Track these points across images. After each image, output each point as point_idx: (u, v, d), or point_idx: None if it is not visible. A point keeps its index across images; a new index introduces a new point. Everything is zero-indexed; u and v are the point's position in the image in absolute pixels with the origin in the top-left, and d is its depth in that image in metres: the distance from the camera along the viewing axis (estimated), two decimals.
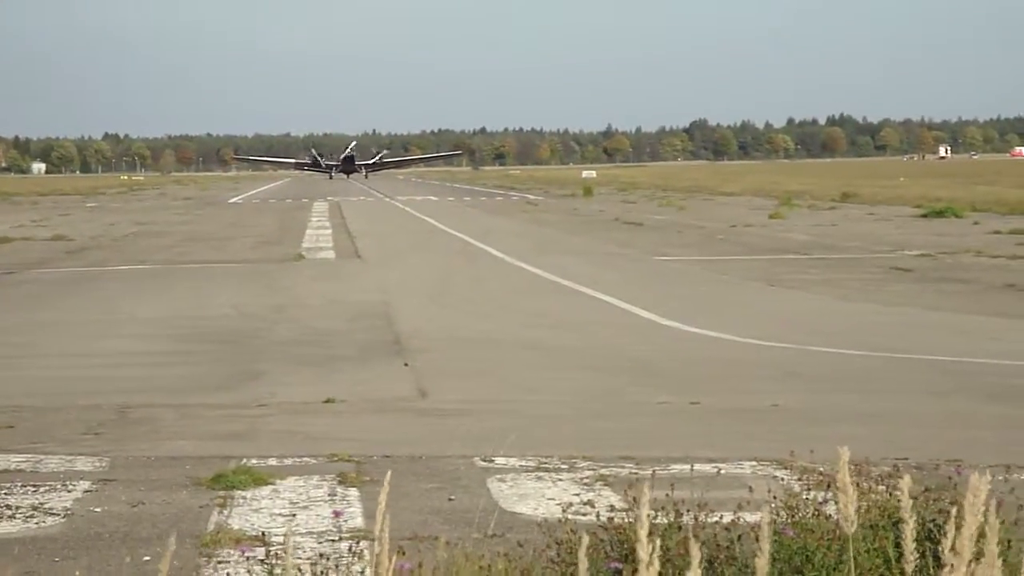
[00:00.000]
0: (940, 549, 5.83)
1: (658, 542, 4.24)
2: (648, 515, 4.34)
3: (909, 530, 4.91)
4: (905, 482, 5.23)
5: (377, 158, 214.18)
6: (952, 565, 4.42)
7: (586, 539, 4.29)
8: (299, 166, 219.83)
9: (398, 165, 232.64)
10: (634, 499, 7.95)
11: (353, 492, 11.90)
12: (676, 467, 12.39)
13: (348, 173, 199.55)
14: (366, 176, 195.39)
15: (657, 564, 4.23)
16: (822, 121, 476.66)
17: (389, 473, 5.88)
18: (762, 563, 4.55)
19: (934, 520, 7.46)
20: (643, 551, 4.14)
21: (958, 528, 4.42)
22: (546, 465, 12.83)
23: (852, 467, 8.51)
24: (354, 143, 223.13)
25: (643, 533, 4.11)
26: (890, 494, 7.63)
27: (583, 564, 4.26)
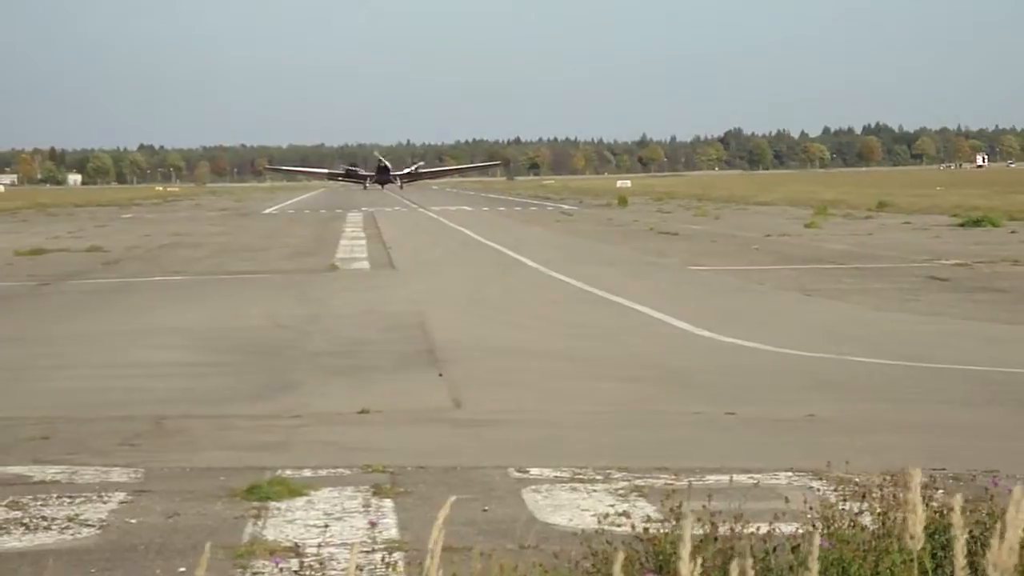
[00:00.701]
0: (977, 562, 5.78)
1: (699, 560, 4.22)
2: (691, 536, 4.31)
3: (960, 546, 4.86)
4: (957, 499, 5.19)
5: (413, 168, 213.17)
6: None
7: (621, 554, 4.26)
8: (333, 176, 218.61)
9: (434, 176, 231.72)
10: (671, 510, 7.92)
11: (388, 503, 11.89)
12: (712, 478, 12.35)
13: (383, 184, 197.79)
14: (401, 187, 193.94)
15: None
16: (858, 130, 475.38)
17: (453, 498, 5.86)
18: None
19: (971, 531, 7.42)
20: (685, 569, 4.12)
21: (1001, 539, 4.38)
22: (581, 476, 12.80)
23: (888, 477, 8.46)
24: (387, 158, 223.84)
25: (685, 552, 4.08)
26: (927, 505, 7.59)
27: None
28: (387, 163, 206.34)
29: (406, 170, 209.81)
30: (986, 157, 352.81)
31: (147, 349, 23.23)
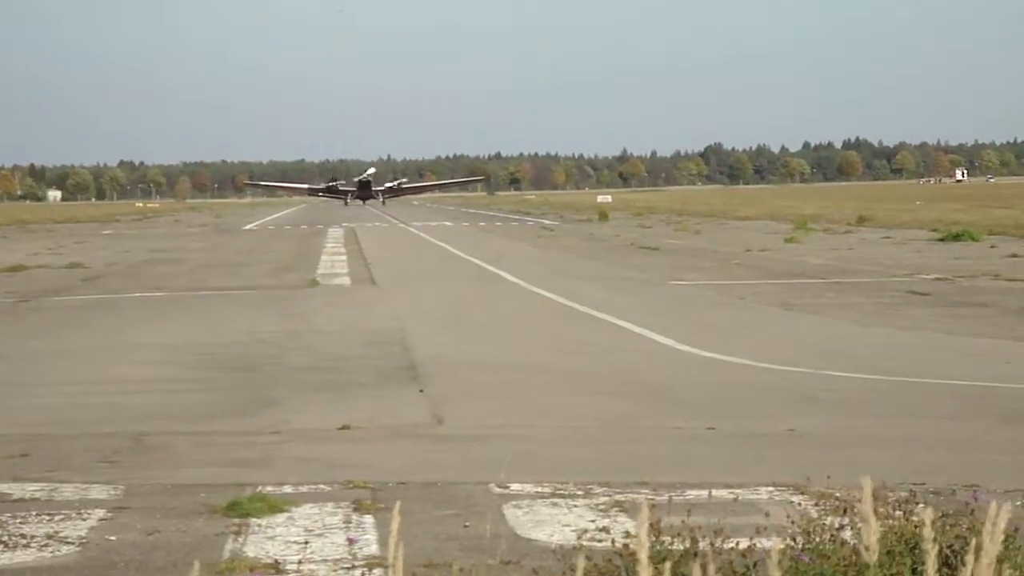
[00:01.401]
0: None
1: (668, 566, 4.21)
2: (648, 533, 4.31)
3: (931, 560, 4.87)
4: (928, 512, 5.20)
5: (395, 183, 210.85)
6: None
7: (582, 563, 4.27)
8: (312, 191, 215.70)
9: (416, 191, 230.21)
10: (651, 525, 7.91)
11: (368, 519, 11.87)
12: (692, 492, 12.35)
13: (364, 199, 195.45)
14: (383, 202, 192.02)
15: None
16: (838, 145, 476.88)
17: (399, 504, 5.85)
18: None
19: (951, 546, 7.42)
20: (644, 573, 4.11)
21: (977, 556, 4.38)
22: (562, 491, 12.79)
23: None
24: (372, 169, 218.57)
25: (643, 555, 4.08)
26: (907, 520, 7.59)
27: None
28: (369, 178, 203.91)
29: (388, 185, 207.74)
30: (966, 172, 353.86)
31: (127, 365, 23.17)
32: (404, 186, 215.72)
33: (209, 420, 17.30)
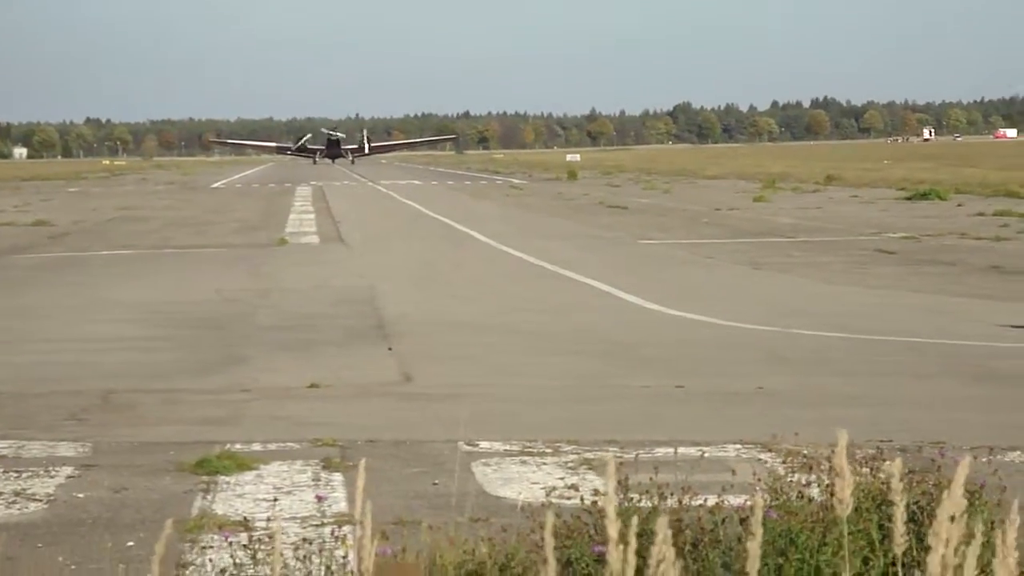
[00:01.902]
0: (924, 532, 5.83)
1: (635, 520, 4.22)
2: (616, 489, 4.32)
3: (900, 513, 4.89)
4: (896, 465, 5.22)
5: (365, 142, 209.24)
6: (936, 547, 4.41)
7: (551, 518, 4.28)
8: (281, 150, 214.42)
9: (386, 149, 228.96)
10: (619, 483, 7.93)
11: (337, 477, 11.88)
12: (660, 451, 12.39)
13: (333, 158, 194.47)
14: (352, 161, 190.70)
15: (634, 543, 4.21)
16: (806, 104, 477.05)
17: (364, 460, 5.85)
18: (754, 546, 4.53)
19: (917, 502, 7.46)
20: (612, 528, 4.12)
21: (941, 510, 4.41)
22: (531, 449, 12.82)
23: (835, 449, 8.50)
24: (337, 127, 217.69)
25: (612, 511, 4.09)
26: (874, 476, 7.63)
27: (549, 543, 4.24)
28: (338, 136, 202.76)
29: (357, 144, 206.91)
30: (933, 131, 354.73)
31: (95, 323, 23.09)
32: (374, 145, 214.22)
33: (177, 378, 17.26)
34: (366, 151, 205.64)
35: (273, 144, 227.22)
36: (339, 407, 15.23)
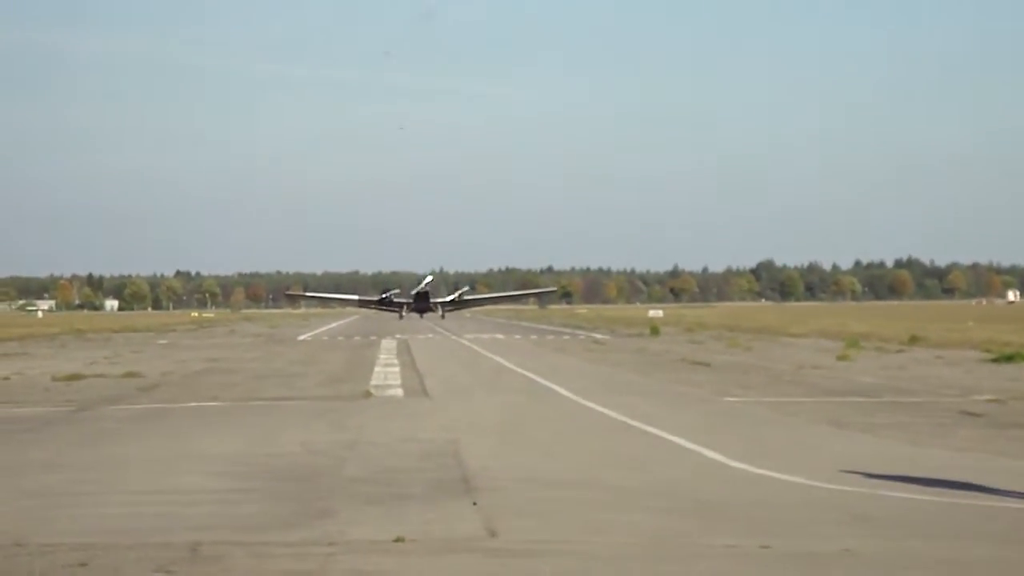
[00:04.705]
0: None
1: None
2: None
3: None
4: None
5: (457, 295, 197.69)
6: None
7: None
8: (364, 303, 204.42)
9: (478, 303, 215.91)
10: None
11: None
12: None
13: (422, 312, 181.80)
14: (442, 316, 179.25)
15: None
16: (889, 263, 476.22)
17: None
18: None
19: None
20: None
21: None
22: None
23: None
24: (430, 278, 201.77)
25: None
26: None
27: None
28: (427, 289, 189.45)
29: (449, 297, 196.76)
30: (1018, 293, 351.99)
31: (182, 475, 23.37)
32: (466, 297, 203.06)
33: (264, 530, 17.44)
34: (459, 305, 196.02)
35: (355, 297, 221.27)
36: (426, 562, 15.32)
